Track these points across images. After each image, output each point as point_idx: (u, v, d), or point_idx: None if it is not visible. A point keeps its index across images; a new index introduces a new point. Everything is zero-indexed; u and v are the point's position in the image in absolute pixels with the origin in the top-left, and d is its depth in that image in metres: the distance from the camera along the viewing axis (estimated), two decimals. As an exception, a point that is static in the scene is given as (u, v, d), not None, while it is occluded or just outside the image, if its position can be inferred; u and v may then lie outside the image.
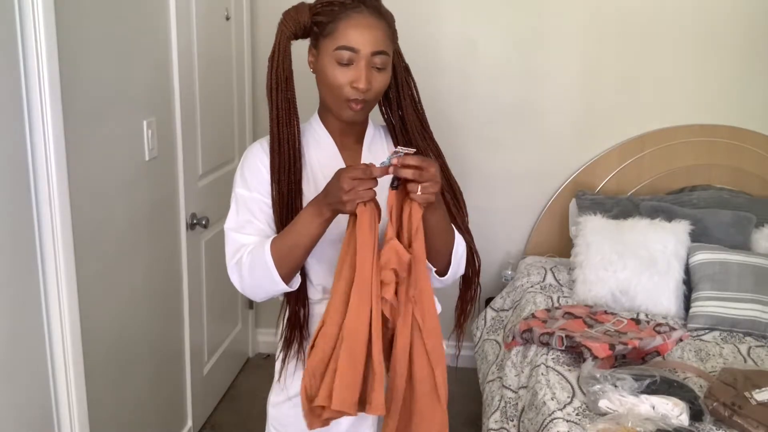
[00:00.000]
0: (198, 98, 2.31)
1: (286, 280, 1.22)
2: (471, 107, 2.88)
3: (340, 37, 1.17)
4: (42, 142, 1.46)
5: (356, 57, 1.17)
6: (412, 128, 1.31)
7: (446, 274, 1.31)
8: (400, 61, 1.30)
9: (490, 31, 2.80)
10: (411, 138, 1.31)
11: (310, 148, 1.31)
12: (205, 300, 2.49)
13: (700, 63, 2.76)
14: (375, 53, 1.18)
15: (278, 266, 1.20)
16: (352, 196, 1.09)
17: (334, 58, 1.18)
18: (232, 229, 1.28)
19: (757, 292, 2.27)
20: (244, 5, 2.72)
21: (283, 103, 1.24)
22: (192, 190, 2.32)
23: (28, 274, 1.47)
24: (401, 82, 1.30)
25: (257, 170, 1.27)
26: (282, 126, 1.24)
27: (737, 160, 2.81)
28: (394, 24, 1.24)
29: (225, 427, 2.63)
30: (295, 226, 1.19)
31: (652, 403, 1.64)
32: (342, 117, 1.24)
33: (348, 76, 1.18)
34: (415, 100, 1.33)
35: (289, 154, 1.25)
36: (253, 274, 1.22)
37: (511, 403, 2.09)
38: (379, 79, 1.20)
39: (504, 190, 2.96)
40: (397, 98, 1.30)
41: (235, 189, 1.29)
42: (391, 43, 1.22)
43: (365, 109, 1.23)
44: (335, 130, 1.31)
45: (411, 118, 1.31)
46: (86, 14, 1.62)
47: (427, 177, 1.10)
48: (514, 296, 2.64)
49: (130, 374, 1.97)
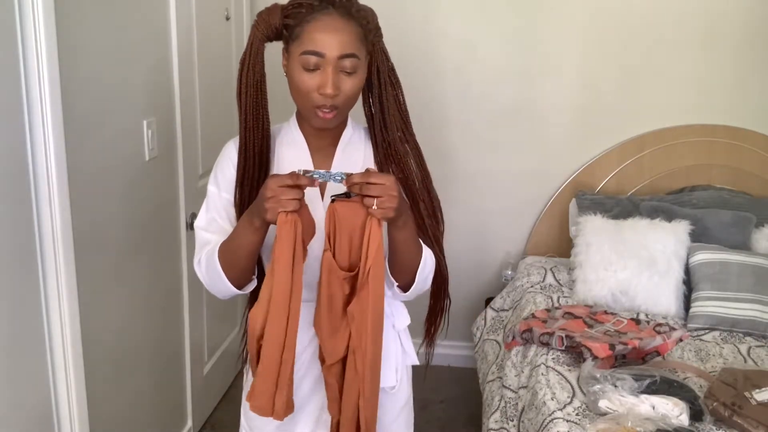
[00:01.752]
0: (198, 98, 2.31)
1: (236, 284, 1.22)
2: (471, 107, 2.87)
3: (306, 41, 1.12)
4: (42, 142, 1.46)
5: (323, 62, 1.12)
6: (392, 130, 1.26)
7: (408, 291, 1.28)
8: (384, 60, 1.24)
9: (489, 31, 2.80)
10: (390, 140, 1.26)
11: (283, 148, 1.29)
12: (205, 300, 2.49)
13: (699, 63, 2.76)
14: (343, 56, 1.12)
15: (225, 270, 1.20)
16: (272, 204, 1.07)
17: (301, 63, 1.13)
18: (199, 226, 1.30)
19: (757, 292, 2.27)
20: (244, 5, 2.72)
21: (252, 109, 1.21)
22: (192, 190, 2.32)
23: (28, 275, 1.47)
24: (384, 82, 1.24)
25: (227, 169, 1.28)
26: (249, 131, 1.22)
27: (737, 160, 2.81)
28: (371, 23, 1.18)
29: (225, 427, 2.63)
30: (235, 232, 1.19)
31: (652, 403, 1.64)
32: (313, 124, 1.21)
33: (315, 82, 1.14)
34: (399, 101, 1.27)
35: (254, 161, 1.23)
36: (210, 274, 1.24)
37: (511, 403, 2.09)
38: (348, 83, 1.15)
39: (504, 191, 2.96)
40: (380, 98, 1.25)
41: (208, 185, 1.31)
42: (363, 44, 1.16)
43: (338, 116, 1.19)
44: (310, 131, 1.28)
45: (393, 119, 1.26)
46: (86, 14, 1.62)
47: (378, 191, 1.08)
48: (514, 296, 2.64)
49: (130, 374, 1.97)
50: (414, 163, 1.29)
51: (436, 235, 1.32)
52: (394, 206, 1.09)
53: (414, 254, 1.23)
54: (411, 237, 1.20)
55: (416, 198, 1.29)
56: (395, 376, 1.40)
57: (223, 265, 1.20)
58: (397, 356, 1.41)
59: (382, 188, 1.08)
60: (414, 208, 1.27)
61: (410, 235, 1.19)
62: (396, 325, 1.42)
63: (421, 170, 1.30)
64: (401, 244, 1.19)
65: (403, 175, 1.27)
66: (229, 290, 1.23)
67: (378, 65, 1.22)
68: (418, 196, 1.29)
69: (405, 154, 1.27)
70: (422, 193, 1.30)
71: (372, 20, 1.19)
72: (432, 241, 1.31)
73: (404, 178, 1.27)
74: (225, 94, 2.63)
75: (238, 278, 1.22)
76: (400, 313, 1.44)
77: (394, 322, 1.41)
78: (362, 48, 1.17)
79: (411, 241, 1.20)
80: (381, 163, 1.27)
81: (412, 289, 1.27)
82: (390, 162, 1.27)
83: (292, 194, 1.07)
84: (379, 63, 1.22)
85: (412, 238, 1.20)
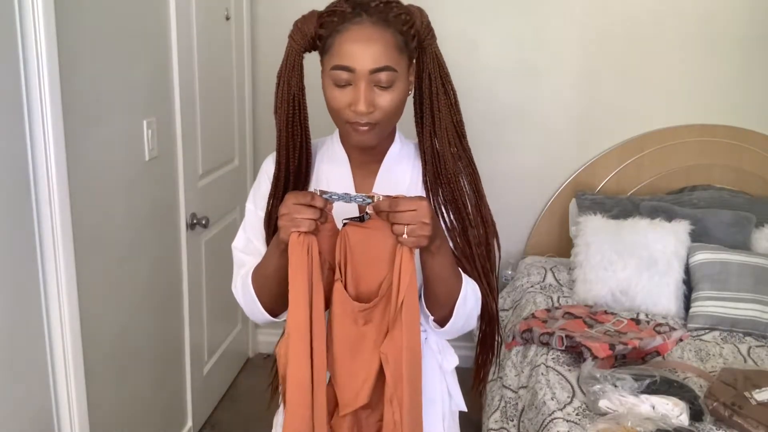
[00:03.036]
0: (198, 98, 2.31)
1: (272, 311, 1.14)
2: (471, 107, 2.86)
3: (335, 55, 1.02)
4: (42, 142, 1.46)
5: (354, 77, 1.02)
6: (444, 144, 1.11)
7: (444, 326, 1.14)
8: (436, 66, 1.08)
9: (490, 31, 2.80)
10: (441, 155, 1.12)
11: (323, 163, 1.20)
12: (205, 300, 2.49)
13: (700, 63, 2.76)
14: (375, 71, 1.01)
15: (259, 296, 1.13)
16: (285, 222, 0.98)
17: (332, 78, 1.03)
18: (236, 247, 1.22)
19: (757, 292, 2.27)
20: (244, 5, 2.72)
21: (286, 125, 1.10)
22: (192, 190, 2.32)
23: (28, 274, 1.47)
24: (437, 90, 1.09)
25: (263, 184, 1.19)
26: (282, 148, 1.12)
27: (737, 160, 2.81)
28: (416, 26, 1.05)
29: (225, 427, 2.63)
30: (265, 256, 1.11)
31: (652, 403, 1.64)
32: (351, 141, 1.11)
33: (347, 98, 1.03)
34: (453, 113, 1.12)
35: (287, 180, 1.14)
36: (245, 300, 1.16)
37: (511, 403, 2.09)
38: (385, 98, 1.04)
39: (504, 190, 2.96)
40: (431, 109, 1.10)
41: (246, 203, 1.23)
42: (402, 54, 1.04)
43: (377, 133, 1.07)
44: (353, 147, 1.17)
45: (446, 132, 1.11)
46: (86, 14, 1.62)
47: (409, 219, 0.97)
48: (514, 296, 2.64)
49: (130, 374, 1.97)
50: (466, 183, 1.15)
51: (486, 267, 1.17)
52: (426, 234, 0.98)
53: (451, 284, 1.09)
54: (447, 263, 1.07)
55: (465, 224, 1.14)
56: (442, 425, 1.24)
57: (257, 290, 1.12)
58: (444, 401, 1.25)
59: (413, 215, 0.97)
60: (462, 235, 1.14)
61: (445, 261, 1.06)
62: (443, 365, 1.25)
63: (475, 192, 1.16)
64: (435, 270, 1.06)
65: (452, 197, 1.13)
66: (265, 318, 1.15)
67: (429, 70, 1.09)
68: (467, 221, 1.14)
69: (457, 173, 1.13)
70: (474, 219, 1.15)
71: (417, 22, 1.05)
72: (480, 273, 1.16)
73: (453, 200, 1.13)
74: (225, 94, 2.63)
75: (273, 304, 1.14)
76: (447, 351, 1.27)
77: (441, 362, 1.25)
78: (401, 58, 1.04)
79: (447, 268, 1.07)
80: (430, 182, 1.14)
81: (450, 324, 1.12)
82: (440, 181, 1.13)
83: (307, 213, 0.97)
84: (431, 68, 1.08)
85: (448, 264, 1.07)
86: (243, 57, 2.76)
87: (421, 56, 1.09)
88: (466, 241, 1.14)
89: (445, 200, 1.14)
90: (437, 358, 1.24)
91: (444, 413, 1.25)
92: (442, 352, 1.25)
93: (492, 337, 1.26)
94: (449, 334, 1.18)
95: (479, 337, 1.27)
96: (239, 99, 2.76)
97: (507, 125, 2.89)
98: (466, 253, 1.14)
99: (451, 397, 1.27)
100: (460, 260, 1.14)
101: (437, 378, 1.24)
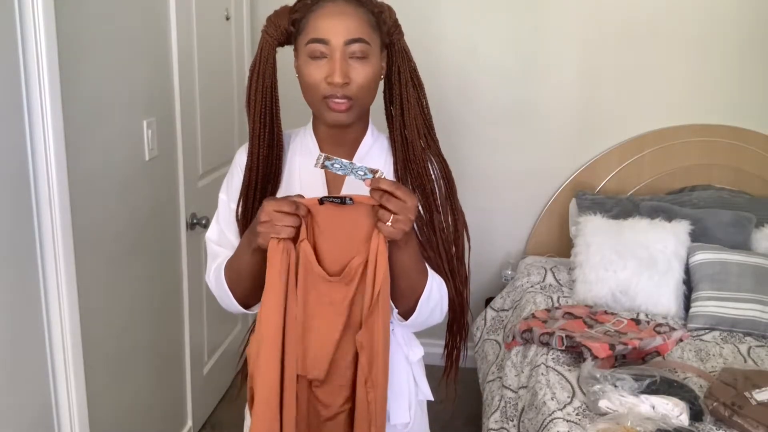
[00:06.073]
0: (198, 98, 2.31)
1: (244, 303, 1.16)
2: (471, 107, 2.88)
3: (311, 30, 1.06)
4: (42, 142, 1.46)
5: (329, 49, 1.05)
6: (413, 134, 1.15)
7: (408, 319, 1.15)
8: (405, 59, 1.15)
9: (490, 31, 2.80)
10: (410, 144, 1.16)
11: (296, 155, 1.21)
12: (205, 300, 2.49)
13: (699, 63, 2.76)
14: (350, 41, 1.04)
15: (232, 288, 1.14)
16: (265, 229, 0.99)
17: (307, 53, 1.06)
18: (210, 238, 1.24)
19: (757, 292, 2.27)
20: (244, 5, 2.72)
21: (260, 116, 1.13)
22: (192, 190, 2.32)
23: (28, 275, 1.47)
24: (406, 82, 1.14)
25: (236, 176, 1.21)
26: (255, 139, 1.14)
27: (737, 160, 2.81)
28: (385, 14, 1.11)
29: (225, 427, 2.63)
30: (237, 250, 1.12)
31: (652, 403, 1.64)
32: (326, 120, 1.11)
33: (322, 71, 1.05)
34: (421, 104, 1.17)
35: (258, 171, 1.16)
36: (218, 291, 1.18)
37: (511, 403, 2.09)
38: (360, 71, 1.06)
39: (504, 190, 2.96)
40: (400, 99, 1.15)
41: (220, 193, 1.24)
42: (375, 32, 1.08)
43: (353, 109, 1.09)
44: (325, 138, 1.19)
45: (414, 122, 1.15)
46: (86, 14, 1.62)
47: (397, 208, 0.97)
48: (514, 296, 2.64)
49: (130, 374, 1.97)
50: (437, 171, 1.18)
51: (450, 254, 1.19)
52: (406, 229, 0.99)
53: (416, 279, 1.10)
54: (414, 258, 1.08)
55: (432, 213, 1.16)
56: (408, 413, 1.26)
57: (230, 283, 1.14)
58: (410, 391, 1.27)
59: (402, 206, 0.98)
60: (428, 224, 1.16)
61: (413, 256, 1.08)
62: (410, 356, 1.27)
63: (445, 182, 1.18)
64: (401, 264, 1.07)
65: (421, 185, 1.15)
66: (238, 309, 1.18)
67: (398, 64, 1.14)
68: (434, 207, 1.16)
69: (425, 162, 1.16)
70: (443, 207, 1.17)
71: (387, 13, 1.11)
72: (443, 260, 1.18)
73: (422, 188, 1.16)
74: (225, 94, 2.63)
75: (246, 298, 1.16)
76: (413, 343, 1.30)
77: (407, 353, 1.27)
78: (374, 36, 1.08)
79: (413, 263, 1.08)
80: (400, 170, 1.16)
81: (413, 318, 1.14)
82: (409, 168, 1.16)
83: (288, 221, 0.99)
84: (400, 61, 1.14)
85: (415, 259, 1.08)
86: (243, 57, 2.76)
87: (390, 51, 1.14)
88: (433, 230, 1.16)
89: (413, 187, 1.15)
90: (404, 350, 1.26)
91: (411, 402, 1.27)
92: (408, 344, 1.28)
93: (459, 323, 1.28)
94: (413, 327, 1.20)
95: (447, 324, 1.30)
96: (239, 99, 2.76)
97: (507, 125, 2.89)
98: (431, 240, 1.17)
99: (418, 386, 1.30)
100: (425, 248, 1.16)
101: (403, 368, 1.26)
